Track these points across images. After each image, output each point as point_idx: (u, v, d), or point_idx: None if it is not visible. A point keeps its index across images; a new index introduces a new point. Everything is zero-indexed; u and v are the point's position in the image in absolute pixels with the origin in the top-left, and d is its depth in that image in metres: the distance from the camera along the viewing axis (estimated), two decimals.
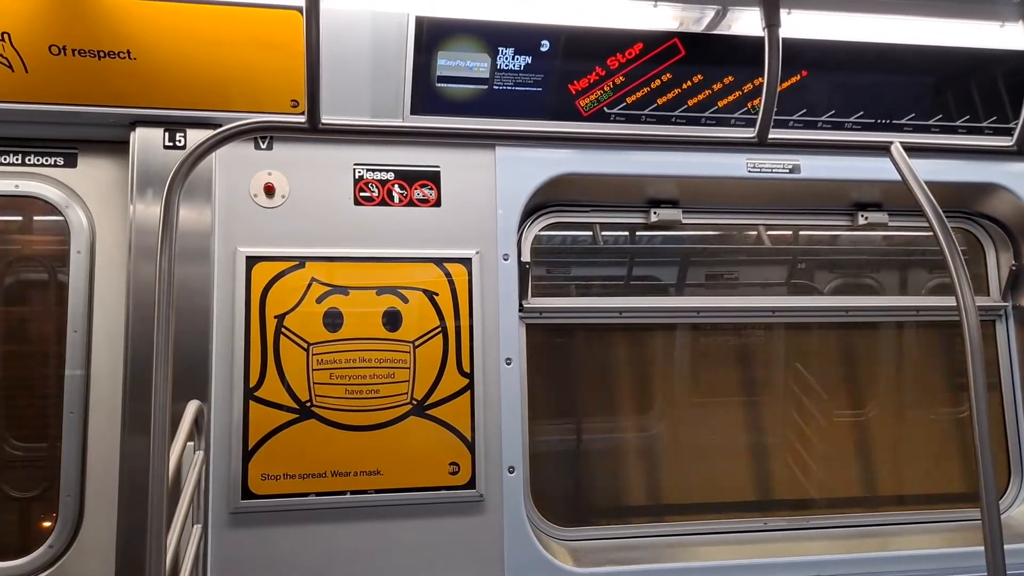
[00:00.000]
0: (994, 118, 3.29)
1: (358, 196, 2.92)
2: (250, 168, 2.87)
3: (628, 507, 3.41)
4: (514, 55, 2.95)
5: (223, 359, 2.75)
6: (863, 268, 3.73)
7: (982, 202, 3.49)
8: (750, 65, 2.95)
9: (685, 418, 3.54)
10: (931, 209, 2.27)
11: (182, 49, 2.75)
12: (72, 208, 2.94)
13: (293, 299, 2.81)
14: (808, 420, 3.60)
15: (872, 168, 3.19)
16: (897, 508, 3.51)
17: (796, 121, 3.15)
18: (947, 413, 3.69)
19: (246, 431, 2.72)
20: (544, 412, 3.25)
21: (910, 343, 3.72)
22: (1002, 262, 3.55)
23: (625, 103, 3.05)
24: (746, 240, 3.59)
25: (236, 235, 2.83)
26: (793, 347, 3.63)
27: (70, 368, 2.87)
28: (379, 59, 2.88)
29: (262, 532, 2.70)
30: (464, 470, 2.84)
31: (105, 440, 2.84)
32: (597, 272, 3.55)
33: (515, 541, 2.84)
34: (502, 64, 2.94)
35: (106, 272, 2.94)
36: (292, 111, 2.83)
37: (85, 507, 2.84)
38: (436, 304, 2.90)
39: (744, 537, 3.28)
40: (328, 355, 2.81)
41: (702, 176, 3.17)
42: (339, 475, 2.76)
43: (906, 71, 3.21)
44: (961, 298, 2.17)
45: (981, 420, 2.12)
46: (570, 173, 3.07)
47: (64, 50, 2.68)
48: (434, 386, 2.86)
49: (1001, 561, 2.03)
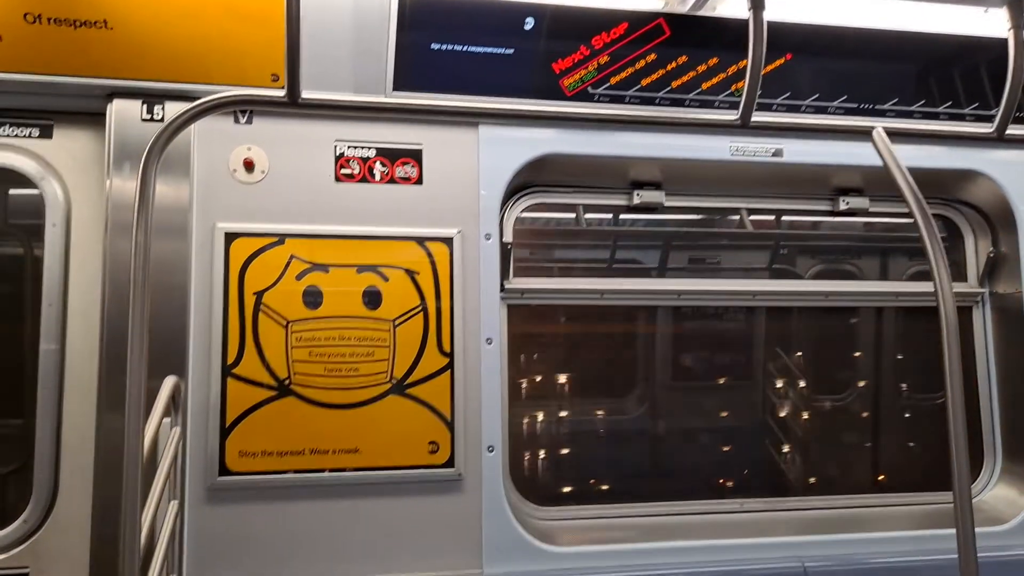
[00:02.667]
0: (976, 104, 3.30)
1: (339, 173, 2.89)
2: (229, 143, 2.83)
3: (607, 488, 3.44)
4: (498, 32, 2.92)
5: (201, 335, 2.73)
6: (844, 254, 3.75)
7: (962, 189, 3.51)
8: (735, 48, 2.94)
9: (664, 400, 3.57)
10: (911, 195, 2.28)
11: (160, 20, 2.70)
12: (47, 180, 2.89)
13: (272, 276, 2.79)
14: (786, 404, 3.63)
15: (854, 154, 3.20)
16: (873, 492, 3.55)
17: (779, 104, 3.15)
18: (924, 398, 3.73)
19: (223, 408, 2.70)
20: (524, 392, 3.27)
21: (889, 328, 3.76)
22: (980, 249, 3.57)
23: (609, 83, 3.03)
24: (728, 224, 3.60)
25: (215, 210, 2.79)
26: (773, 331, 3.65)
27: (45, 343, 2.84)
28: (361, 34, 2.85)
29: (239, 509, 2.69)
30: (443, 449, 2.84)
31: (80, 415, 2.81)
32: (579, 254, 3.55)
33: (493, 520, 2.85)
34: (486, 41, 2.92)
35: (82, 246, 2.90)
36: (272, 85, 2.79)
37: (60, 482, 2.82)
38: (417, 283, 2.88)
39: (721, 519, 3.30)
40: (307, 333, 2.79)
41: (685, 159, 3.16)
42: (317, 453, 2.75)
43: (890, 57, 3.21)
44: (939, 284, 2.18)
45: (956, 405, 2.14)
46: (553, 153, 3.05)
47: (39, 18, 2.63)
48: (414, 365, 2.85)
49: (972, 544, 2.06)
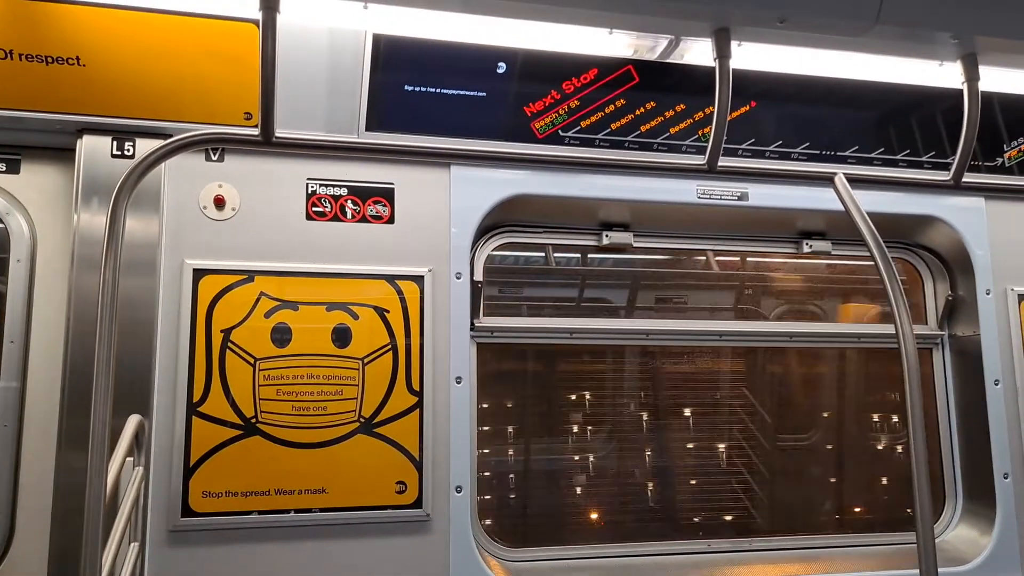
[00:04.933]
0: (932, 153, 3.41)
1: (310, 211, 2.90)
2: (200, 180, 2.83)
3: (573, 529, 3.43)
4: (471, 75, 2.97)
5: (166, 373, 2.69)
6: (807, 296, 3.82)
7: (921, 233, 3.60)
8: (702, 94, 3.02)
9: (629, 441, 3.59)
10: (872, 239, 2.34)
11: (133, 58, 2.71)
12: (13, 215, 2.86)
13: (241, 313, 2.77)
14: (753, 444, 3.66)
15: (817, 198, 3.28)
16: (837, 532, 3.58)
17: (745, 150, 3.23)
18: (885, 439, 3.79)
19: (188, 447, 2.66)
20: (493, 432, 3.26)
21: (852, 370, 3.82)
22: (939, 292, 3.66)
23: (579, 127, 3.09)
24: (695, 265, 3.65)
25: (183, 247, 2.78)
26: (739, 371, 3.70)
27: (5, 380, 2.78)
28: (335, 75, 2.88)
29: (202, 551, 2.64)
30: (411, 489, 2.81)
31: (39, 455, 2.75)
32: (549, 293, 3.58)
33: (461, 562, 2.82)
34: (459, 84, 2.96)
35: (46, 282, 2.86)
36: (245, 123, 2.80)
37: (16, 524, 2.74)
38: (387, 321, 2.88)
39: (688, 560, 3.30)
40: (275, 371, 2.77)
41: (653, 201, 3.22)
42: (283, 493, 2.71)
43: (851, 105, 3.31)
44: (900, 326, 2.24)
45: (918, 445, 2.18)
46: (524, 194, 3.09)
47: (10, 54, 2.62)
48: (383, 404, 2.84)
49: None
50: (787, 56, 2.97)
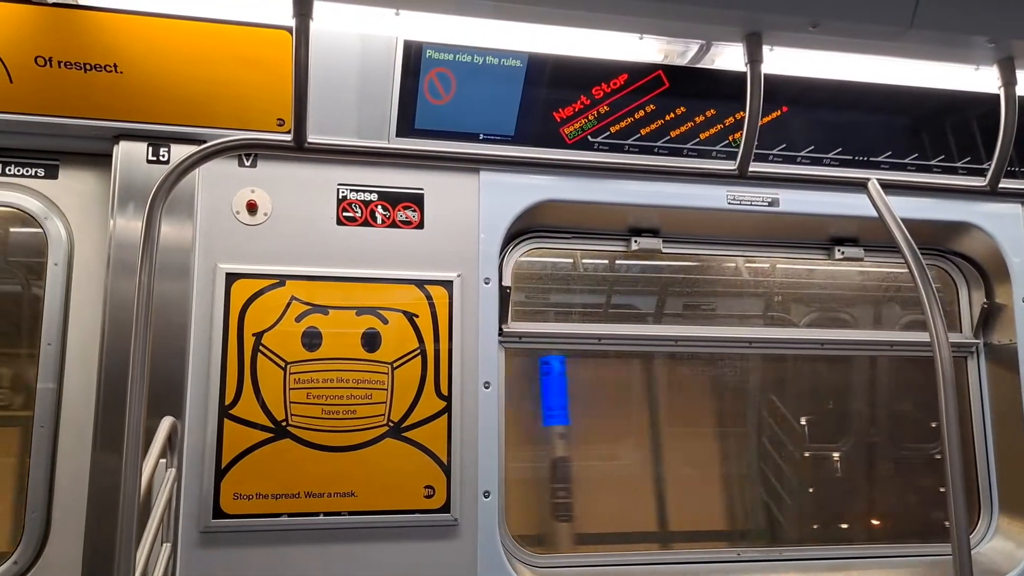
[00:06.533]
0: (968, 159, 3.36)
1: (341, 216, 2.92)
2: (233, 185, 2.86)
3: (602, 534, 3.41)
4: (501, 81, 2.98)
5: (199, 376, 2.72)
6: (839, 303, 3.78)
7: (956, 240, 3.55)
8: (732, 99, 3.00)
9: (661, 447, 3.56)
10: (906, 246, 2.31)
11: (169, 64, 2.75)
12: (51, 220, 2.92)
13: (272, 317, 2.80)
14: (783, 452, 3.62)
15: (849, 204, 3.24)
16: (870, 542, 3.53)
17: (776, 155, 3.20)
18: (920, 448, 3.73)
19: (220, 449, 2.69)
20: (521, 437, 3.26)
21: (884, 378, 3.77)
22: (974, 300, 3.60)
23: (609, 132, 3.08)
24: (725, 271, 3.63)
25: (216, 251, 2.82)
26: (769, 379, 3.66)
27: (42, 382, 2.83)
28: (366, 81, 2.90)
29: (232, 552, 2.67)
30: (439, 494, 2.82)
31: (75, 455, 2.80)
32: (577, 299, 3.57)
33: (488, 567, 2.82)
34: (488, 90, 2.97)
35: (83, 286, 2.91)
36: (278, 129, 2.83)
37: (52, 523, 2.79)
38: (416, 326, 2.89)
39: (718, 567, 3.27)
40: (305, 374, 2.79)
41: (683, 207, 3.20)
42: (312, 496, 2.73)
43: (884, 110, 3.27)
44: (935, 334, 2.20)
45: (953, 455, 2.15)
46: (553, 200, 3.09)
47: (50, 61, 2.67)
48: (411, 408, 2.85)
49: None
50: (819, 61, 2.95)
